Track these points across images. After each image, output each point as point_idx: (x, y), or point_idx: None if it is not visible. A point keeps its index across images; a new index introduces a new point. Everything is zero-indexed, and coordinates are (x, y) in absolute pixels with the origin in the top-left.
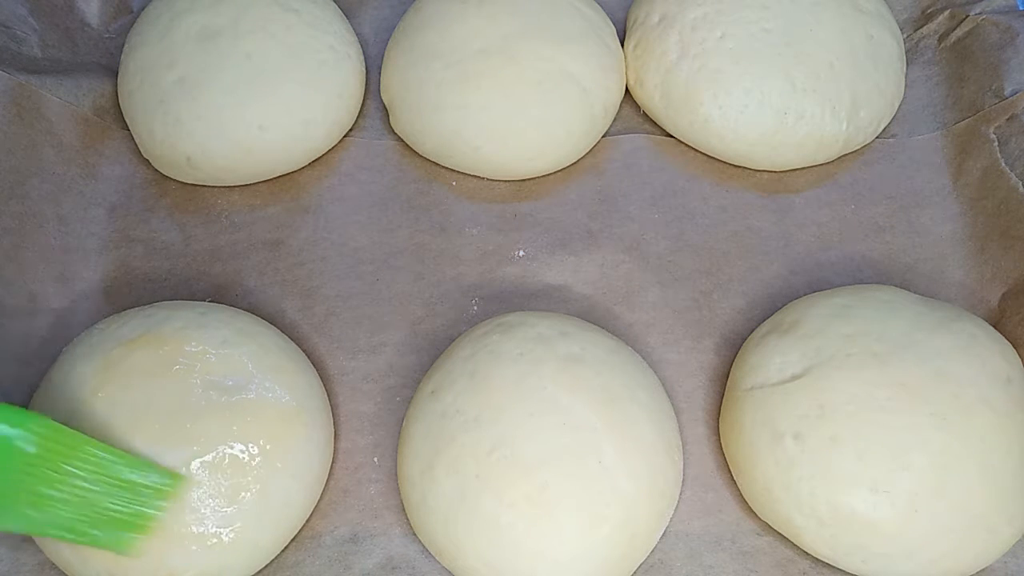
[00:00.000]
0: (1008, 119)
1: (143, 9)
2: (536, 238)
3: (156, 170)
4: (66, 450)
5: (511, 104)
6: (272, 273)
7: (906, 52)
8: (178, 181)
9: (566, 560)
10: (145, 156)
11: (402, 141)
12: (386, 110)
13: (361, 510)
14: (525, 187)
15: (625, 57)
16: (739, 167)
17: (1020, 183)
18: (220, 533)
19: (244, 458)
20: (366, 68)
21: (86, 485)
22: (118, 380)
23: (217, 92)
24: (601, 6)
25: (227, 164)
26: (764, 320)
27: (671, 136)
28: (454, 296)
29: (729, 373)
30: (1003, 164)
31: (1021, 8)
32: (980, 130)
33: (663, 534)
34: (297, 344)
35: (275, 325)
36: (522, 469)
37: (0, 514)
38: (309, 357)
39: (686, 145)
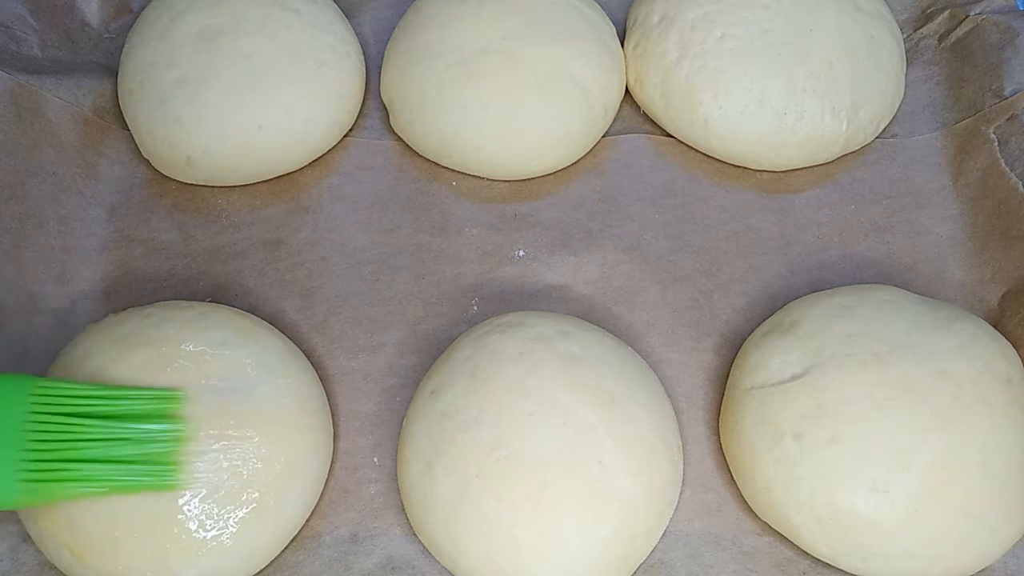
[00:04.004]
0: (1008, 119)
1: (143, 9)
2: (536, 238)
3: (156, 170)
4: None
5: (511, 104)
6: (272, 273)
7: (906, 52)
8: (178, 181)
9: (566, 560)
10: (145, 156)
11: (402, 141)
12: (386, 110)
13: (361, 510)
14: (525, 187)
15: (625, 57)
16: (739, 167)
17: (1020, 183)
18: (220, 535)
19: (244, 459)
20: (366, 68)
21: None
22: (117, 381)
23: (217, 92)
24: (601, 6)
25: (227, 164)
26: (764, 320)
27: (671, 136)
28: (454, 296)
29: (729, 373)
30: (1003, 164)
31: (1021, 8)
32: (980, 130)
33: (663, 534)
34: (297, 344)
35: (275, 325)
36: (522, 469)
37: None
38: (309, 357)
39: (686, 145)
